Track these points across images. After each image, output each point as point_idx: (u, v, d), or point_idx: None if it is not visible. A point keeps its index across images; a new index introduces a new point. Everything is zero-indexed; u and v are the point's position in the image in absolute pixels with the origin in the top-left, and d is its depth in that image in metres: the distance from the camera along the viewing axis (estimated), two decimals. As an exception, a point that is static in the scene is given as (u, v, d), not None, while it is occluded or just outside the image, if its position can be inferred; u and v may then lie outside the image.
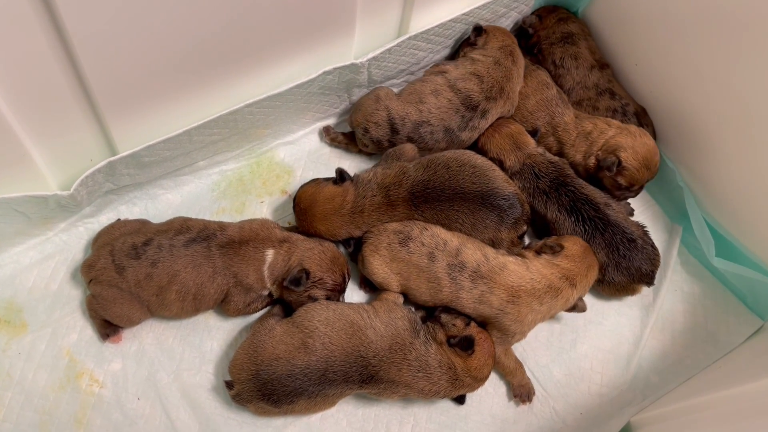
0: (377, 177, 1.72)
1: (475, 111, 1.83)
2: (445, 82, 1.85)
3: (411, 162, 1.74)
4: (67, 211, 1.70)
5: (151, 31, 1.36)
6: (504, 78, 1.86)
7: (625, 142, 1.79)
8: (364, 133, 1.86)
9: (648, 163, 1.80)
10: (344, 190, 1.71)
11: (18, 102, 1.35)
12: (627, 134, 1.81)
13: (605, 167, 1.79)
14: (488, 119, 1.87)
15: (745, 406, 1.36)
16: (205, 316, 1.73)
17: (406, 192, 1.69)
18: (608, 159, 1.78)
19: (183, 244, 1.58)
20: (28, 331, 1.67)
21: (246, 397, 1.53)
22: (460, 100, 1.82)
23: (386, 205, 1.70)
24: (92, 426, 1.59)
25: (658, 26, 1.82)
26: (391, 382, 1.52)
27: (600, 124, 1.85)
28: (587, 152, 1.84)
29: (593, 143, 1.84)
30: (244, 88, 1.68)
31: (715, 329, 1.85)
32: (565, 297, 1.62)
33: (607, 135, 1.82)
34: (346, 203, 1.70)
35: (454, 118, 1.82)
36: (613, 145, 1.80)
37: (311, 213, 1.70)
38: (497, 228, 1.68)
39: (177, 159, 1.76)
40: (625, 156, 1.78)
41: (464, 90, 1.83)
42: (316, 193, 1.71)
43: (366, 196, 1.70)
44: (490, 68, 1.86)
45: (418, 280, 1.63)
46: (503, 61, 1.88)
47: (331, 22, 1.66)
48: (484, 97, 1.83)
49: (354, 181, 1.73)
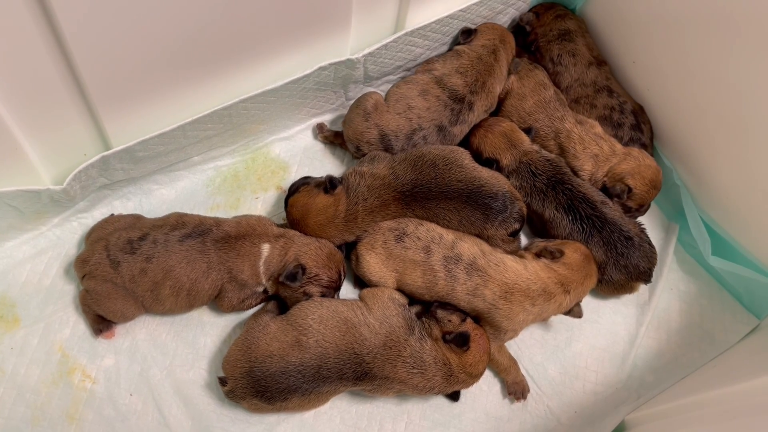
0: (366, 180, 1.70)
1: (462, 103, 1.84)
2: (431, 78, 1.85)
3: (398, 159, 1.72)
4: (60, 206, 1.69)
5: (145, 24, 1.35)
6: (486, 72, 1.88)
7: (630, 168, 1.81)
8: (356, 150, 1.86)
9: (655, 183, 1.83)
10: (336, 200, 1.69)
11: (10, 95, 1.34)
12: (631, 159, 1.82)
13: (615, 195, 1.81)
14: (475, 113, 1.87)
15: (740, 405, 1.36)
16: (198, 312, 1.73)
17: (397, 192, 1.68)
18: (617, 187, 1.81)
19: (178, 239, 1.58)
20: (20, 326, 1.66)
21: (239, 394, 1.52)
22: (447, 95, 1.83)
23: (378, 206, 1.69)
24: (84, 421, 1.58)
25: (655, 24, 1.82)
26: (386, 379, 1.52)
27: (605, 147, 1.85)
28: (593, 174, 1.85)
29: (599, 167, 1.84)
30: (239, 83, 1.68)
31: (711, 328, 1.84)
32: (557, 302, 1.62)
33: (611, 162, 1.83)
34: (339, 213, 1.68)
35: (445, 114, 1.83)
36: (620, 173, 1.81)
37: (305, 223, 1.69)
38: (483, 226, 1.68)
39: (171, 154, 1.75)
40: (634, 183, 1.80)
41: (450, 84, 1.84)
42: (308, 204, 1.69)
43: (358, 202, 1.68)
44: (473, 62, 1.88)
45: (414, 273, 1.62)
46: (485, 57, 1.89)
47: (326, 16, 1.65)
48: (468, 90, 1.85)
49: (344, 186, 1.71)
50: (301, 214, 1.69)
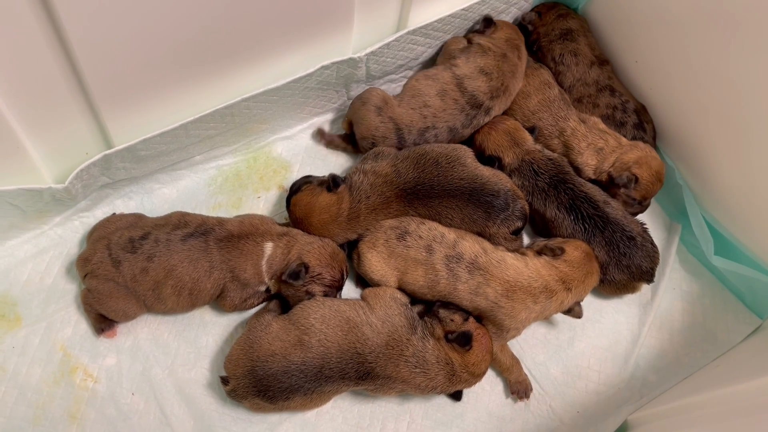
0: (369, 178, 1.69)
1: (479, 109, 1.84)
2: (452, 79, 1.84)
3: (401, 156, 1.72)
4: (62, 205, 1.69)
5: (148, 23, 1.35)
6: (510, 74, 1.87)
7: (637, 157, 1.81)
8: (371, 146, 1.84)
9: (660, 175, 1.83)
10: (339, 198, 1.68)
11: (12, 93, 1.34)
12: (637, 150, 1.83)
13: (622, 184, 1.81)
14: (491, 116, 1.88)
15: (743, 405, 1.36)
16: (200, 311, 1.73)
17: (399, 190, 1.68)
18: (624, 176, 1.80)
19: (180, 238, 1.58)
20: (22, 325, 1.66)
21: (241, 393, 1.52)
22: (466, 100, 1.82)
23: (381, 204, 1.69)
24: (86, 421, 1.58)
25: (658, 23, 1.82)
26: (388, 378, 1.52)
27: (611, 140, 1.85)
28: (598, 167, 1.85)
29: (604, 159, 1.84)
30: (241, 82, 1.67)
31: (714, 328, 1.84)
32: (559, 300, 1.61)
33: (618, 152, 1.83)
34: (342, 211, 1.68)
35: (459, 117, 1.83)
36: (626, 161, 1.81)
37: (307, 222, 1.69)
38: (485, 224, 1.68)
39: (173, 153, 1.75)
40: (640, 172, 1.80)
41: (471, 89, 1.83)
42: (311, 203, 1.69)
43: (361, 200, 1.68)
44: (499, 63, 1.86)
45: (416, 272, 1.62)
46: (511, 56, 1.88)
47: (329, 15, 1.65)
48: (489, 96, 1.84)
49: (347, 185, 1.71)
50: (305, 212, 1.69)
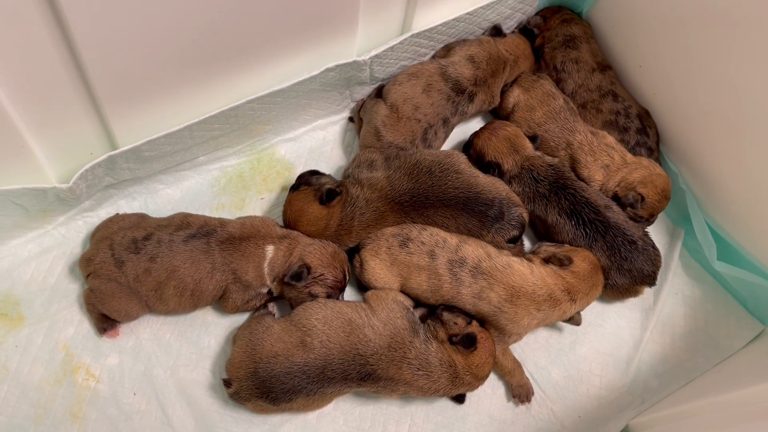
0: (365, 192, 1.69)
1: (463, 94, 1.86)
2: (437, 69, 1.86)
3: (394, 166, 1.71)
4: (66, 205, 1.70)
5: (153, 23, 1.35)
6: (492, 74, 1.91)
7: (641, 177, 1.81)
8: None
9: (666, 193, 1.83)
10: (330, 213, 1.68)
11: (18, 93, 1.34)
12: (641, 168, 1.83)
13: (628, 204, 1.81)
14: (475, 104, 1.90)
15: (744, 411, 1.36)
16: (203, 312, 1.73)
17: (394, 203, 1.68)
18: (630, 196, 1.80)
19: (183, 239, 1.58)
20: (25, 324, 1.66)
21: (244, 395, 1.52)
22: (450, 87, 1.85)
23: (375, 220, 1.69)
24: (88, 420, 1.58)
25: (662, 28, 1.82)
26: (391, 380, 1.52)
27: (616, 157, 1.85)
28: (604, 184, 1.85)
29: (610, 177, 1.84)
30: (246, 83, 1.68)
31: (716, 333, 1.84)
32: (562, 309, 1.62)
33: (623, 172, 1.83)
34: (330, 226, 1.68)
35: (447, 107, 1.85)
36: (631, 181, 1.81)
37: (295, 227, 1.71)
38: (479, 233, 1.68)
39: (177, 154, 1.75)
40: (646, 191, 1.80)
41: (454, 75, 1.86)
42: (301, 210, 1.69)
43: (354, 217, 1.68)
44: (491, 56, 1.91)
45: (419, 278, 1.62)
46: (498, 61, 1.93)
47: (333, 18, 1.65)
48: (473, 83, 1.87)
49: (342, 198, 1.69)
50: (294, 218, 1.71)
